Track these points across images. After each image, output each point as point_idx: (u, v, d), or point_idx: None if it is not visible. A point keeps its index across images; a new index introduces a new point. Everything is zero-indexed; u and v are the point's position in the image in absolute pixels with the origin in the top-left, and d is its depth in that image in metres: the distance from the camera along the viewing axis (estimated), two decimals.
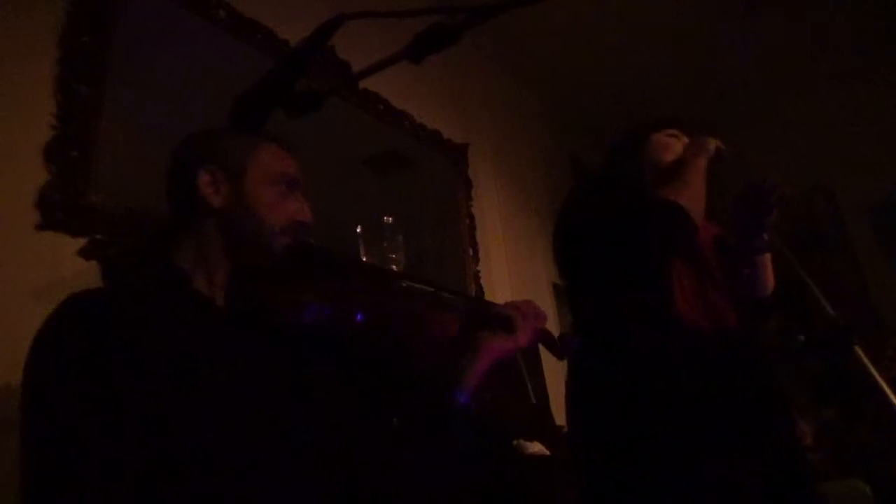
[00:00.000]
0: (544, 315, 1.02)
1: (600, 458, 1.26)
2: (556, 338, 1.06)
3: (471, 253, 2.79)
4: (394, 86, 2.53)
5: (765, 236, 1.43)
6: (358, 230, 1.90)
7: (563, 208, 1.49)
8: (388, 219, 1.86)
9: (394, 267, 1.73)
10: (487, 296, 2.69)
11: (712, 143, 1.42)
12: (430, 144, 2.77)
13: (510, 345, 0.98)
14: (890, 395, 1.23)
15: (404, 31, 0.65)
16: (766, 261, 1.46)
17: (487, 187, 3.09)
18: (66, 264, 1.36)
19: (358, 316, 0.95)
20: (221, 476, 0.73)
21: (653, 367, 1.24)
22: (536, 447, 1.92)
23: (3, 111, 1.37)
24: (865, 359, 1.28)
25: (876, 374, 1.25)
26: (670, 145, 1.48)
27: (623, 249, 1.31)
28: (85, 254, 1.38)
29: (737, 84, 3.92)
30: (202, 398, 0.75)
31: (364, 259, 1.82)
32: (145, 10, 1.73)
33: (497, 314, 0.99)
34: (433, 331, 1.02)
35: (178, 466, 0.71)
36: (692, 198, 1.32)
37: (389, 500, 0.84)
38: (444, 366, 0.98)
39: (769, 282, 1.48)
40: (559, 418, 2.52)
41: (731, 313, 1.35)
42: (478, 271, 2.77)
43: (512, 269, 3.01)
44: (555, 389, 2.74)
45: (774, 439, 1.27)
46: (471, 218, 2.89)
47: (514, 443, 1.90)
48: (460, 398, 0.93)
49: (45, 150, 1.40)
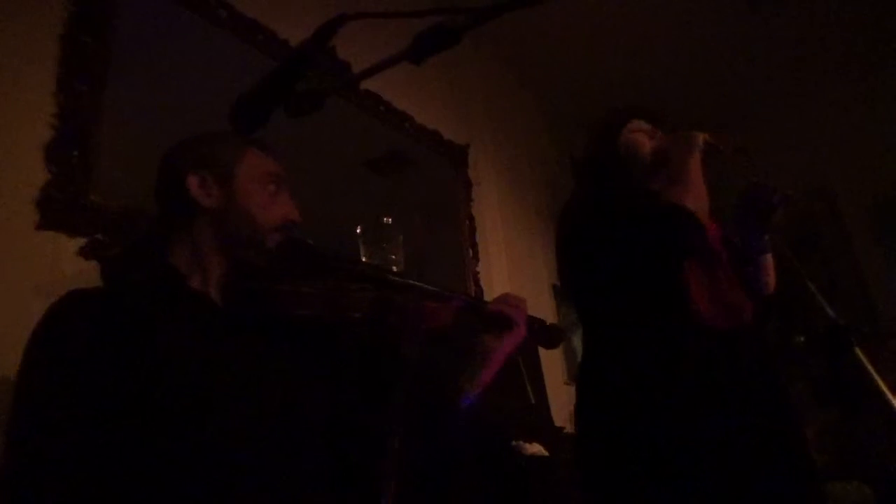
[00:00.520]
0: (525, 302, 1.05)
1: (620, 460, 1.25)
2: (543, 326, 1.08)
3: (471, 253, 2.79)
4: (394, 86, 2.53)
5: (766, 237, 1.44)
6: (358, 230, 1.89)
7: (567, 216, 1.48)
8: (387, 219, 1.85)
9: (393, 268, 1.73)
10: (487, 296, 2.69)
11: (699, 137, 1.40)
12: (430, 145, 2.77)
13: (515, 340, 1.01)
14: (890, 396, 1.23)
15: (405, 32, 0.65)
16: (768, 260, 1.47)
17: (487, 188, 3.09)
18: (66, 264, 1.36)
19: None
20: (217, 470, 0.73)
21: (676, 367, 1.23)
22: (535, 448, 1.92)
23: (3, 111, 1.37)
24: (865, 360, 1.28)
25: (876, 375, 1.25)
26: (639, 142, 1.48)
27: (636, 255, 1.30)
28: (85, 253, 1.38)
29: (738, 84, 3.92)
30: (198, 392, 0.76)
31: (363, 258, 1.82)
32: (146, 10, 1.74)
33: (494, 314, 1.01)
34: (426, 321, 1.03)
35: (172, 460, 0.71)
36: (697, 197, 1.31)
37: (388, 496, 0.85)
38: (447, 366, 0.99)
39: (771, 281, 1.48)
40: (558, 419, 2.52)
41: (747, 309, 1.35)
42: (477, 272, 2.77)
43: (512, 270, 3.01)
44: (554, 390, 2.74)
45: (787, 437, 1.27)
46: (471, 218, 2.89)
47: (514, 444, 1.90)
48: (465, 402, 0.94)
49: (45, 149, 1.40)
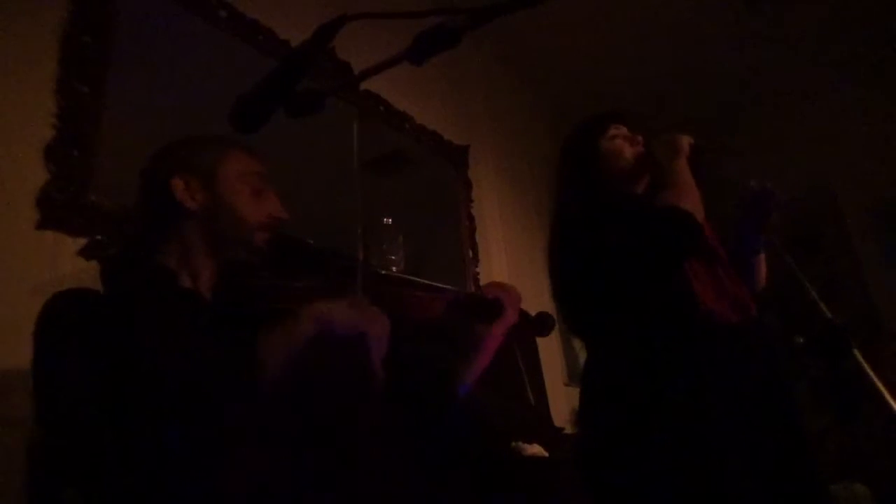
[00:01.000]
0: (515, 289, 1.07)
1: (632, 460, 1.24)
2: (533, 315, 1.10)
3: (470, 254, 2.79)
4: (394, 87, 2.53)
5: (761, 238, 1.45)
6: (358, 231, 1.90)
7: (559, 226, 1.49)
8: (387, 220, 1.86)
9: (393, 268, 1.73)
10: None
11: (684, 141, 1.42)
12: (430, 146, 2.77)
13: (505, 323, 1.02)
14: (889, 398, 1.23)
15: (405, 33, 0.65)
16: (760, 260, 1.49)
17: (487, 189, 3.09)
18: (66, 264, 1.36)
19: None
20: (212, 466, 0.74)
21: (694, 365, 1.23)
22: (535, 449, 1.92)
23: (4, 110, 1.37)
24: (864, 362, 1.28)
25: (875, 377, 1.25)
26: (620, 148, 1.48)
27: (637, 260, 1.30)
28: (85, 253, 1.38)
29: (738, 85, 3.92)
30: (190, 388, 0.76)
31: (363, 259, 1.82)
32: (146, 10, 1.74)
33: (483, 300, 1.02)
34: (418, 312, 1.04)
35: (167, 456, 0.71)
36: (691, 198, 1.32)
37: (388, 493, 0.85)
38: (441, 356, 1.00)
39: (762, 279, 1.51)
40: (558, 420, 2.52)
41: (751, 303, 1.36)
42: (477, 272, 2.77)
43: (512, 271, 3.01)
44: (554, 391, 2.74)
45: (793, 433, 1.27)
46: (471, 219, 2.89)
47: (513, 444, 1.89)
48: (462, 390, 0.95)
49: (45, 149, 1.40)
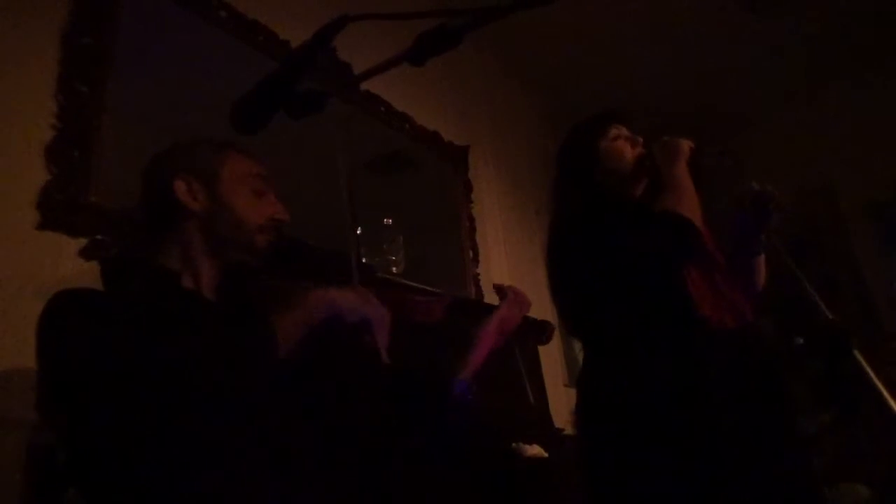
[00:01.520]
0: (528, 299, 1.07)
1: (615, 466, 1.25)
2: (534, 322, 1.11)
3: (471, 255, 2.79)
4: (395, 88, 2.53)
5: (762, 238, 1.45)
6: (358, 232, 1.90)
7: (557, 230, 1.49)
8: (388, 220, 1.86)
9: (394, 269, 1.73)
10: (487, 298, 2.69)
11: (685, 144, 1.41)
12: (430, 146, 2.77)
13: (500, 315, 1.02)
14: (889, 398, 1.23)
15: (406, 34, 0.65)
16: (760, 261, 1.49)
17: (487, 189, 3.09)
18: (67, 264, 1.36)
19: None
20: (215, 464, 0.74)
21: (691, 370, 1.23)
22: (535, 450, 1.92)
23: (4, 111, 1.37)
24: (864, 362, 1.28)
25: (875, 378, 1.25)
26: (620, 150, 1.47)
27: (635, 265, 1.30)
28: (85, 254, 1.38)
29: (737, 85, 3.93)
30: (193, 388, 0.76)
31: (363, 259, 1.82)
32: (146, 11, 1.74)
33: (484, 303, 1.03)
34: (417, 315, 1.04)
35: (170, 455, 0.71)
36: (690, 203, 1.32)
37: (387, 492, 0.85)
38: (439, 357, 1.01)
39: (761, 280, 1.51)
40: (558, 421, 2.52)
41: (748, 307, 1.36)
42: (478, 273, 2.77)
43: (512, 271, 3.01)
44: (554, 392, 2.74)
45: (789, 436, 1.27)
46: (471, 220, 2.89)
47: (513, 445, 1.89)
48: (458, 387, 0.96)
49: (46, 150, 1.40)
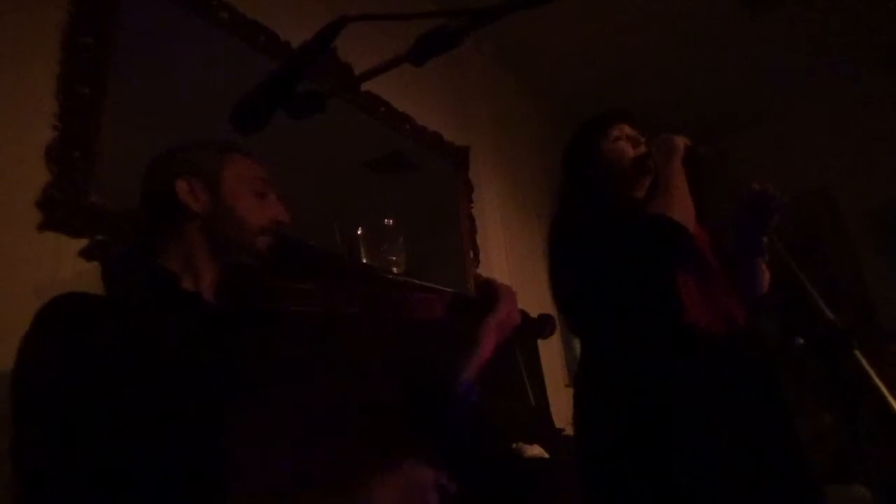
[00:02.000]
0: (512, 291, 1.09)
1: (617, 467, 1.25)
2: (535, 317, 1.11)
3: (471, 255, 2.79)
4: (395, 88, 2.53)
5: (764, 240, 1.44)
6: (359, 232, 1.90)
7: (555, 229, 1.49)
8: (388, 221, 1.86)
9: (394, 269, 1.73)
10: None
11: (679, 141, 1.40)
12: (431, 147, 2.78)
13: (500, 317, 1.03)
14: (890, 399, 1.23)
15: (406, 34, 0.65)
16: (763, 261, 1.48)
17: (488, 190, 3.09)
18: (67, 264, 1.36)
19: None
20: (218, 468, 0.73)
21: (669, 375, 1.24)
22: (536, 450, 1.92)
23: (5, 111, 1.37)
24: (865, 363, 1.28)
25: (876, 378, 1.25)
26: (621, 151, 1.47)
27: (624, 268, 1.30)
28: (86, 254, 1.38)
29: (738, 87, 3.93)
30: (195, 390, 0.76)
31: (364, 259, 1.82)
32: (147, 11, 1.74)
33: (479, 298, 1.03)
34: (418, 313, 1.05)
35: (173, 460, 0.71)
36: (681, 205, 1.31)
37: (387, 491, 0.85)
38: (441, 356, 1.01)
39: (764, 283, 1.50)
40: (559, 421, 2.52)
41: (740, 313, 1.36)
42: (478, 273, 2.77)
43: (513, 271, 3.01)
44: (554, 392, 2.74)
45: (784, 439, 1.27)
46: (471, 220, 2.89)
47: (514, 445, 1.90)
48: (462, 388, 0.95)
49: (46, 150, 1.41)
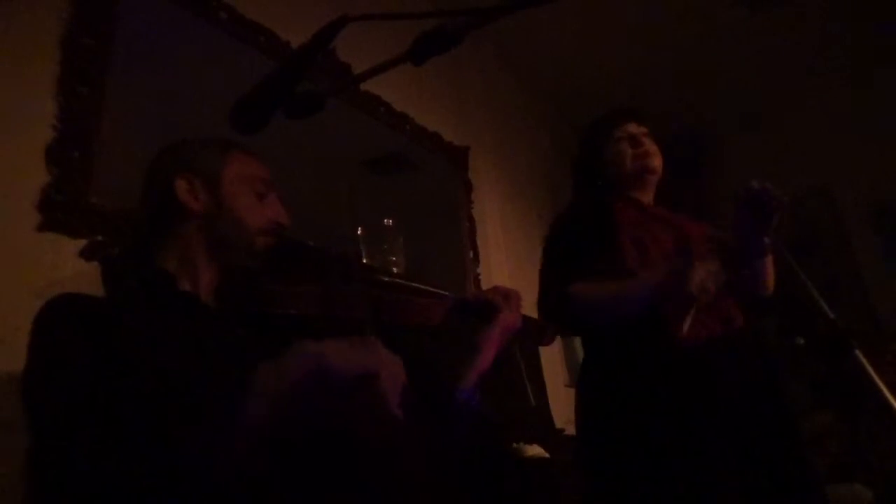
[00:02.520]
0: (516, 293, 1.08)
1: (612, 467, 1.26)
2: (534, 324, 1.11)
3: (471, 255, 2.79)
4: (395, 88, 2.53)
5: (766, 240, 1.44)
6: (358, 232, 1.90)
7: (551, 227, 1.51)
8: (388, 221, 1.85)
9: (394, 269, 1.73)
10: None
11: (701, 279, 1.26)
12: (430, 147, 2.77)
13: (502, 324, 1.02)
14: (890, 398, 1.23)
15: (406, 34, 0.65)
16: (767, 262, 1.47)
17: (488, 190, 3.09)
18: (67, 265, 1.36)
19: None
20: (212, 469, 0.73)
21: (668, 376, 1.25)
22: (536, 450, 1.92)
23: (4, 112, 1.37)
24: (865, 363, 1.28)
25: (876, 378, 1.25)
26: (621, 152, 1.48)
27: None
28: (85, 255, 1.38)
29: (737, 86, 3.93)
30: (191, 392, 0.76)
31: (364, 260, 1.82)
32: (146, 11, 1.74)
33: (481, 303, 1.02)
34: (418, 318, 1.04)
35: (168, 461, 0.71)
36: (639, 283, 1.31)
37: (387, 495, 0.85)
38: (441, 361, 1.00)
39: (770, 283, 1.49)
40: (559, 421, 2.52)
41: (738, 314, 1.36)
42: (478, 274, 2.77)
43: (513, 272, 3.01)
44: (554, 392, 2.74)
45: (782, 438, 1.27)
46: (471, 220, 2.89)
47: (514, 445, 1.89)
48: (462, 394, 0.95)
49: (45, 151, 1.40)
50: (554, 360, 3.00)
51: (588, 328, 1.36)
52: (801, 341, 2.83)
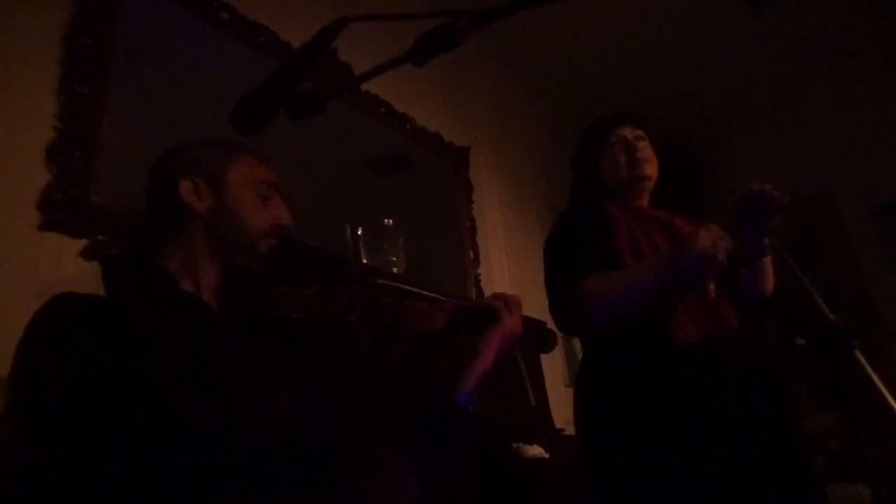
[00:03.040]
0: (517, 299, 1.08)
1: (609, 466, 1.26)
2: (537, 329, 1.11)
3: (471, 256, 2.79)
4: (395, 89, 2.54)
5: (765, 240, 1.44)
6: (358, 232, 1.90)
7: (552, 228, 1.52)
8: (388, 221, 1.85)
9: (394, 269, 1.73)
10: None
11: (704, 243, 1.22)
12: (431, 147, 2.78)
13: (503, 331, 1.03)
14: (890, 399, 1.23)
15: (406, 34, 0.65)
16: (767, 263, 1.47)
17: (488, 190, 3.09)
18: (67, 265, 1.36)
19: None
20: (213, 471, 0.73)
21: (659, 374, 1.25)
22: (536, 450, 1.91)
23: (5, 111, 1.37)
24: (865, 363, 1.28)
25: (876, 378, 1.25)
26: (616, 160, 1.49)
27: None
28: (86, 254, 1.38)
29: (738, 87, 3.93)
30: (191, 393, 0.76)
31: (364, 260, 1.82)
32: (147, 11, 1.74)
33: (482, 309, 1.03)
34: (419, 323, 1.04)
35: (169, 462, 0.71)
36: (644, 269, 1.31)
37: (386, 497, 0.85)
38: (441, 365, 1.01)
39: (769, 283, 1.49)
40: (559, 421, 2.52)
41: (732, 314, 1.36)
42: (478, 274, 2.77)
43: (513, 272, 3.01)
44: (555, 393, 2.74)
45: (780, 439, 1.27)
46: (471, 220, 2.89)
47: (514, 445, 1.89)
48: (460, 398, 0.95)
49: (46, 150, 1.41)
50: (554, 361, 3.00)
51: (601, 321, 1.31)
52: (801, 342, 2.83)
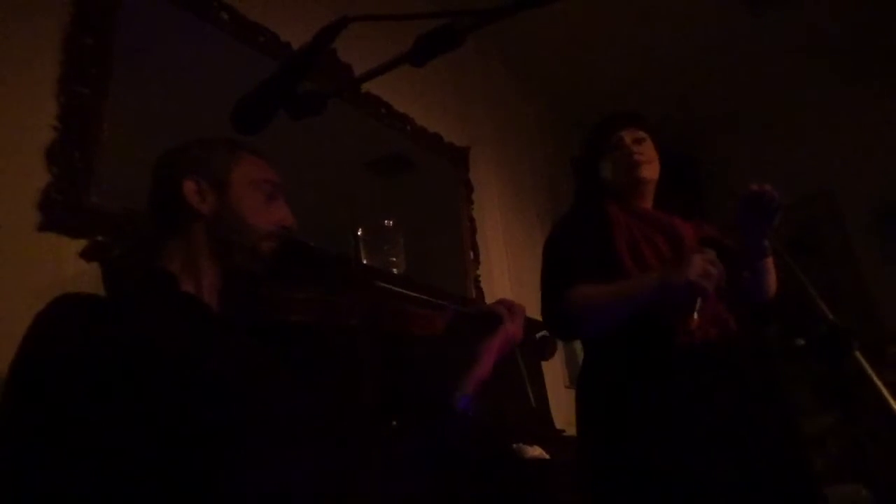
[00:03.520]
0: (520, 307, 1.08)
1: (610, 466, 1.26)
2: (537, 338, 1.11)
3: (471, 256, 2.79)
4: (396, 89, 2.54)
5: (766, 242, 1.44)
6: (359, 233, 1.90)
7: (550, 234, 1.53)
8: (388, 222, 1.85)
9: (394, 269, 1.73)
10: (488, 299, 2.69)
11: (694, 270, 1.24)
12: (431, 148, 2.78)
13: (503, 336, 1.03)
14: (890, 399, 1.23)
15: (406, 35, 0.65)
16: (769, 265, 1.47)
17: (488, 191, 3.09)
18: (67, 265, 1.36)
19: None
20: (212, 472, 0.73)
21: (659, 377, 1.26)
22: (536, 451, 1.91)
23: (5, 112, 1.37)
24: (865, 363, 1.28)
25: (876, 379, 1.25)
26: (616, 163, 1.49)
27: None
28: (86, 255, 1.38)
29: (739, 88, 3.93)
30: (191, 395, 0.75)
31: (364, 260, 1.82)
32: (147, 12, 1.74)
33: (483, 314, 1.03)
34: (419, 329, 1.05)
35: (166, 460, 0.71)
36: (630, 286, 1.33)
37: (386, 499, 0.85)
38: (441, 369, 1.00)
39: (772, 285, 1.49)
40: (559, 422, 2.52)
41: (731, 318, 1.36)
42: (478, 274, 2.77)
43: (513, 273, 3.01)
44: (555, 393, 2.74)
45: (779, 440, 1.27)
46: (471, 221, 2.89)
47: (514, 446, 1.89)
48: (460, 403, 0.95)
49: (46, 151, 1.41)
50: (554, 361, 2.99)
51: (589, 331, 1.37)
52: (801, 342, 2.83)
